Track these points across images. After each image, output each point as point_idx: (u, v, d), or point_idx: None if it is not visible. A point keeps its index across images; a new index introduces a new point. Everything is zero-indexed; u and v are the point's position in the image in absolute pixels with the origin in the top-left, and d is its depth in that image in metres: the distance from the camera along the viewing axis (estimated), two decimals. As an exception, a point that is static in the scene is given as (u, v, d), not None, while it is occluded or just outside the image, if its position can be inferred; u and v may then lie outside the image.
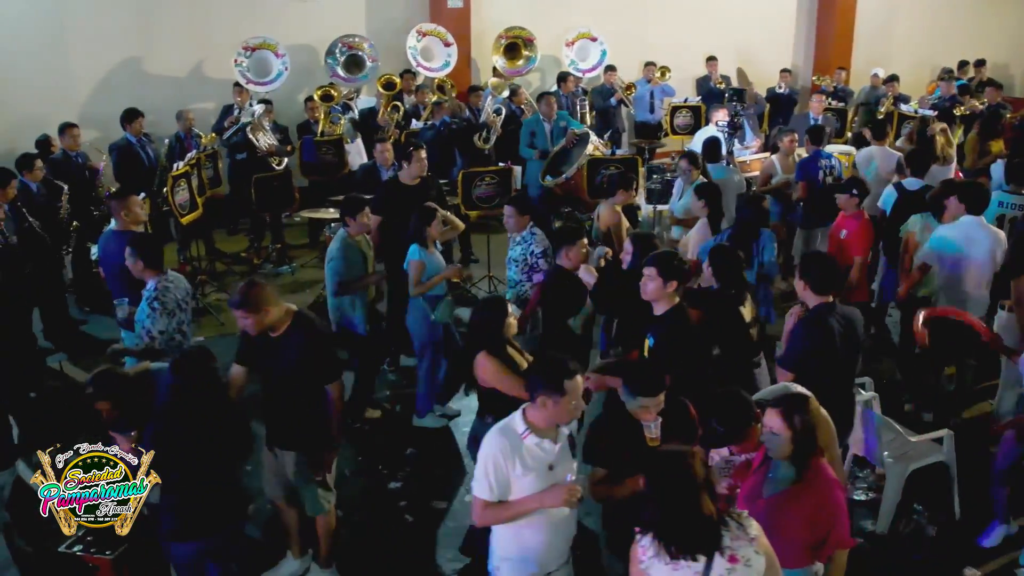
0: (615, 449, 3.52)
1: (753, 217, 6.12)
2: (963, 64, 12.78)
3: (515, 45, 12.21)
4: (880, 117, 10.82)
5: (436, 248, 6.17)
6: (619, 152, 9.86)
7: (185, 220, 7.86)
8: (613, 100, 11.84)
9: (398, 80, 10.50)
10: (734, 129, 9.34)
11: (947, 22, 15.17)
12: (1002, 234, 5.88)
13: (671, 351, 4.14)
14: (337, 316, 6.03)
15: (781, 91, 12.36)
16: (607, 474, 3.55)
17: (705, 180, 7.14)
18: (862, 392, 5.21)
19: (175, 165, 7.96)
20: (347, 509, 5.02)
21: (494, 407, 4.15)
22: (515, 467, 3.23)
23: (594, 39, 12.55)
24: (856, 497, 5.25)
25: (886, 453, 4.96)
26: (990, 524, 4.82)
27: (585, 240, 5.38)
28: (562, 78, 11.72)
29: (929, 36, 14.96)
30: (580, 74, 12.38)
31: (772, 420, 3.09)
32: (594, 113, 11.82)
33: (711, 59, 12.96)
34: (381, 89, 10.28)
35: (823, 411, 3.45)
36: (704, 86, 12.98)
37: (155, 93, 10.68)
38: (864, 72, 13.45)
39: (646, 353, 4.27)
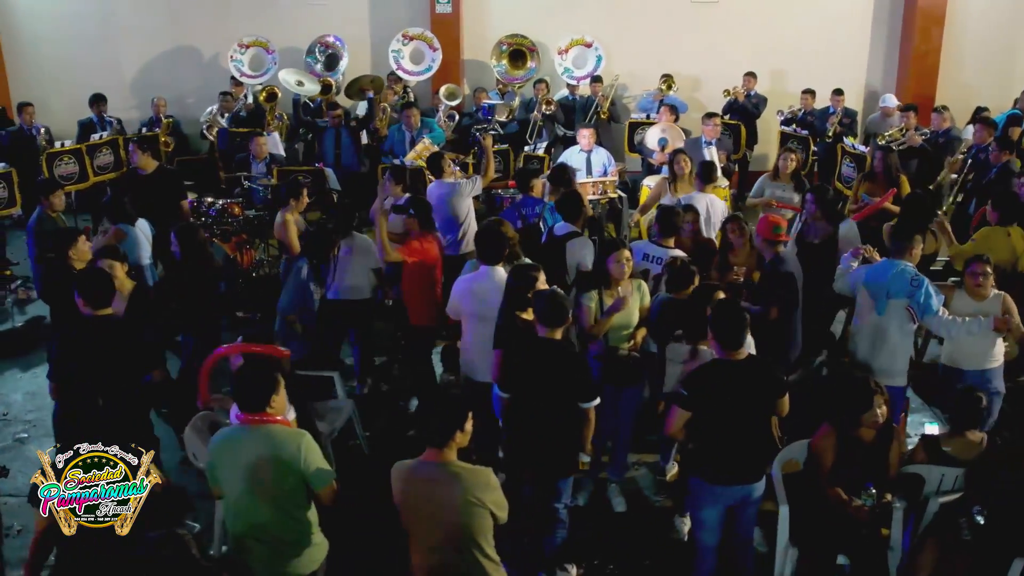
0: None
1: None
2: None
3: (521, 52, 12.29)
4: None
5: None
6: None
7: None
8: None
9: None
10: None
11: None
12: None
13: None
14: None
15: (794, 114, 11.06)
16: None
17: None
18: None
19: (58, 143, 9.52)
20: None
21: None
22: None
23: (589, 45, 12.17)
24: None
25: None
26: None
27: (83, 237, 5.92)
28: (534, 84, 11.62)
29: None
30: (575, 82, 12.10)
31: None
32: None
33: (749, 75, 11.89)
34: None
35: None
36: (730, 102, 11.97)
37: (184, 80, 12.62)
38: (961, 100, 11.51)
39: None
